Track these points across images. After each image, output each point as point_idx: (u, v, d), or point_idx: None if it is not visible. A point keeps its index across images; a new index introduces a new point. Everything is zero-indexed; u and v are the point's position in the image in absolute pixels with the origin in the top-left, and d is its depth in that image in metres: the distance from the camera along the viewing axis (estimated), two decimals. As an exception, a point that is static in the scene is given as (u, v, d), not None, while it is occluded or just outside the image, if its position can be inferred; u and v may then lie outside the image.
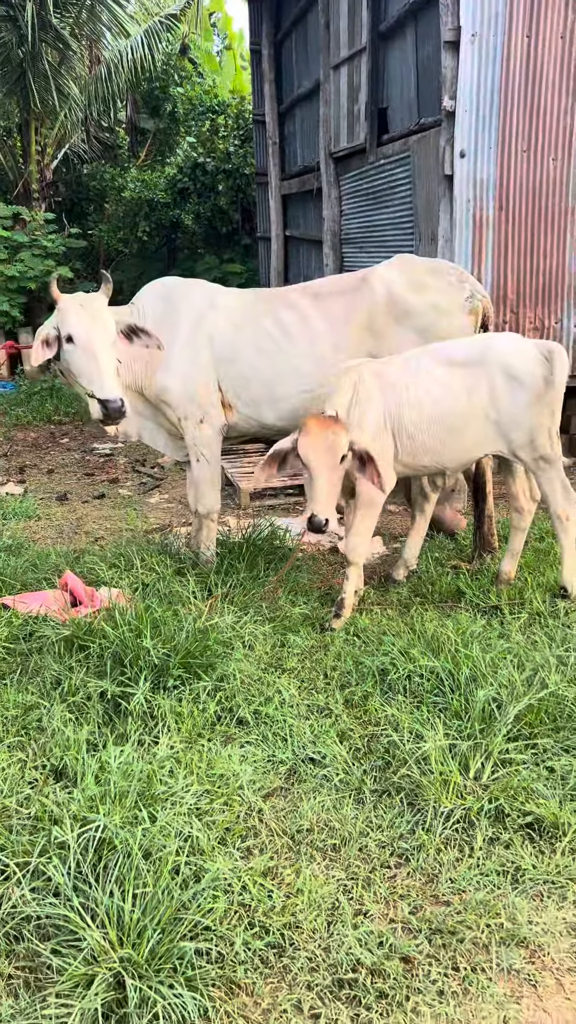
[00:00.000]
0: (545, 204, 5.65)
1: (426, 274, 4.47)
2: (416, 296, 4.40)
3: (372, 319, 4.42)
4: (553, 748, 2.97)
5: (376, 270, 4.53)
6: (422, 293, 4.41)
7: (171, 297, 4.62)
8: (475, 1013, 2.10)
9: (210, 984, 2.11)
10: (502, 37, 5.30)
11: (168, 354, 4.46)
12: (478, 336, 4.28)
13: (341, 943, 2.25)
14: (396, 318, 4.40)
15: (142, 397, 4.60)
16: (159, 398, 4.55)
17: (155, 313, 4.55)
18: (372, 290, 4.42)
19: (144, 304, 4.61)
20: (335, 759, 2.98)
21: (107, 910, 2.18)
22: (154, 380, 4.52)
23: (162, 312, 4.56)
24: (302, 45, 9.91)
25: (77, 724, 3.09)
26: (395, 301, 4.41)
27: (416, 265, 4.56)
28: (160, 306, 4.58)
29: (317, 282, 4.72)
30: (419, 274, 4.47)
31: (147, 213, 13.64)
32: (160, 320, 4.52)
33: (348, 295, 4.47)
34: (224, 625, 3.67)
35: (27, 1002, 2.08)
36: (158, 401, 4.58)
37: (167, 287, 4.71)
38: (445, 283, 4.43)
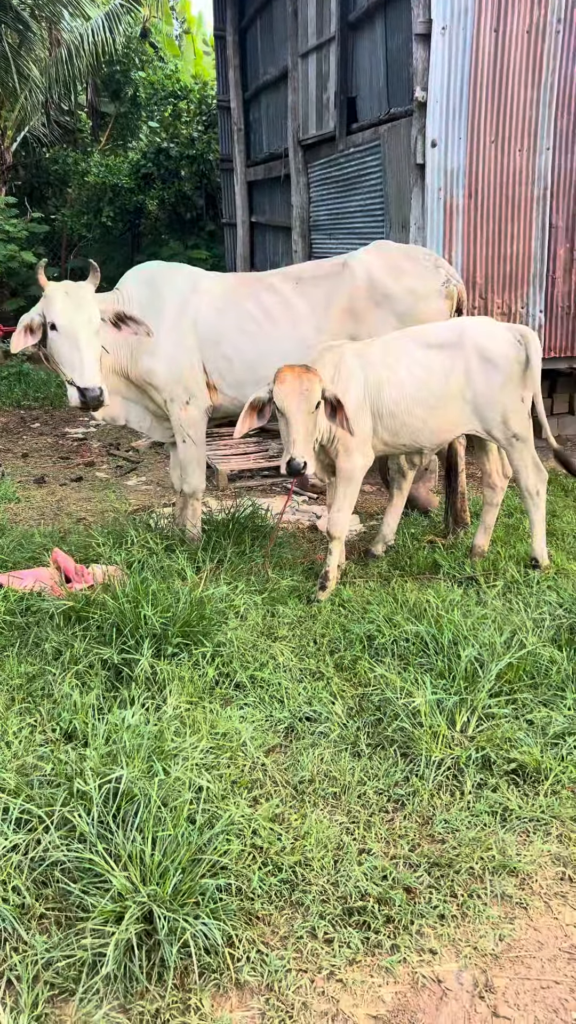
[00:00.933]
0: (512, 193, 5.87)
1: (403, 259, 4.65)
2: (394, 281, 4.58)
3: (353, 303, 4.58)
4: (532, 702, 3.20)
5: (356, 255, 4.70)
6: (400, 278, 4.59)
7: (155, 282, 4.72)
8: (473, 933, 2.31)
9: (231, 916, 2.28)
10: (471, 31, 5.49)
11: (154, 338, 4.56)
12: (454, 320, 4.48)
13: (348, 877, 2.43)
14: (376, 302, 4.58)
15: (128, 381, 4.70)
16: (145, 381, 4.65)
17: (140, 298, 4.65)
18: (353, 275, 4.58)
19: (129, 289, 4.70)
20: (331, 717, 3.17)
21: (130, 854, 2.33)
22: (140, 364, 4.62)
23: (147, 297, 4.66)
24: (268, 32, 9.99)
25: (83, 690, 3.22)
26: (375, 285, 4.58)
27: (393, 251, 4.74)
28: (145, 291, 4.68)
29: (298, 266, 4.87)
30: (396, 259, 4.65)
31: (111, 198, 13.59)
32: (145, 305, 4.62)
33: (330, 279, 4.62)
34: (218, 596, 3.82)
35: (60, 937, 2.23)
36: (144, 384, 4.68)
37: (151, 272, 4.81)
38: (421, 268, 4.61)
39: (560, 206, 6.00)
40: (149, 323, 4.51)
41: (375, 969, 2.20)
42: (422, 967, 2.20)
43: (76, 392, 4.16)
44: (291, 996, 2.11)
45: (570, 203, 6.01)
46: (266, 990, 2.14)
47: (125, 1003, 2.09)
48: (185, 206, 13.86)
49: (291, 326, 4.59)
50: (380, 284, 4.57)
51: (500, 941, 2.29)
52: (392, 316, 4.58)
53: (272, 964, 2.19)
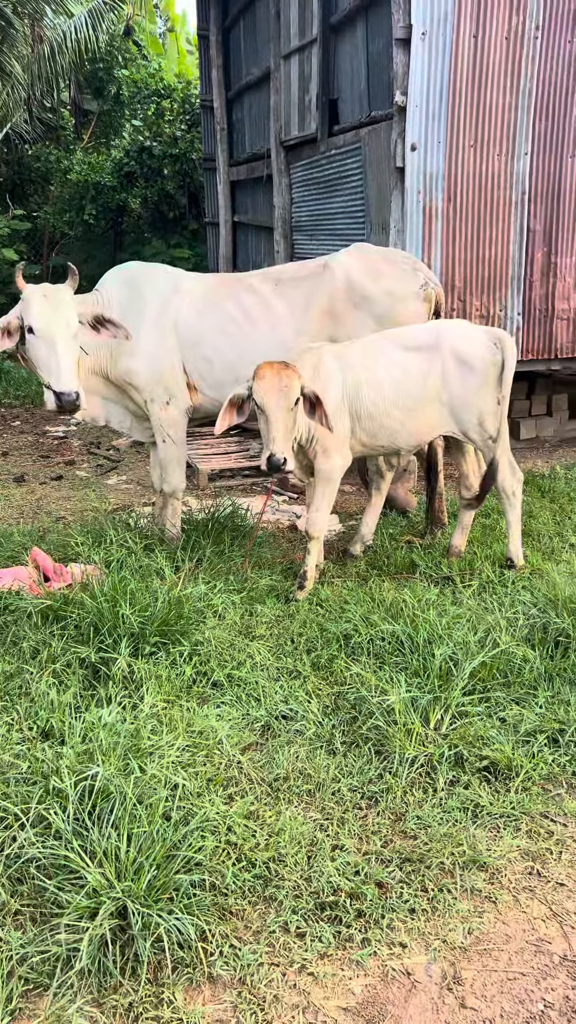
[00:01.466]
0: (491, 196, 5.93)
1: (382, 262, 4.70)
2: (372, 283, 4.62)
3: (332, 304, 4.62)
4: (505, 700, 3.25)
5: (336, 257, 4.74)
6: (378, 280, 4.63)
7: (135, 282, 4.73)
8: (443, 927, 2.35)
9: (205, 911, 2.31)
10: (451, 36, 5.54)
11: (134, 338, 4.58)
12: (431, 322, 4.53)
13: (321, 873, 2.47)
14: (355, 304, 4.62)
15: (108, 381, 4.71)
16: (125, 381, 4.67)
17: (120, 298, 4.66)
18: (332, 276, 4.62)
19: (108, 290, 4.71)
20: (306, 715, 3.20)
21: (105, 850, 2.35)
22: (120, 364, 4.63)
23: (127, 297, 4.67)
24: (251, 33, 10.01)
25: (60, 689, 3.23)
26: (353, 288, 4.62)
27: (372, 253, 4.79)
28: (125, 291, 4.70)
29: (278, 268, 4.90)
30: (375, 262, 4.69)
31: (93, 196, 13.56)
32: (126, 305, 4.63)
33: (309, 281, 4.66)
34: (196, 595, 3.85)
35: (35, 933, 2.25)
36: (124, 384, 4.70)
37: (131, 272, 4.82)
38: (400, 271, 4.66)
39: (538, 210, 6.07)
40: (129, 324, 4.52)
41: (346, 962, 2.24)
42: (392, 960, 2.24)
43: (52, 396, 4.16)
44: (263, 989, 2.15)
45: (548, 207, 6.09)
46: (238, 983, 2.17)
47: (99, 997, 2.11)
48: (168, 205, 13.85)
49: (271, 328, 4.63)
50: (359, 286, 4.61)
51: (469, 934, 2.33)
52: (370, 318, 4.63)
53: (245, 958, 2.22)
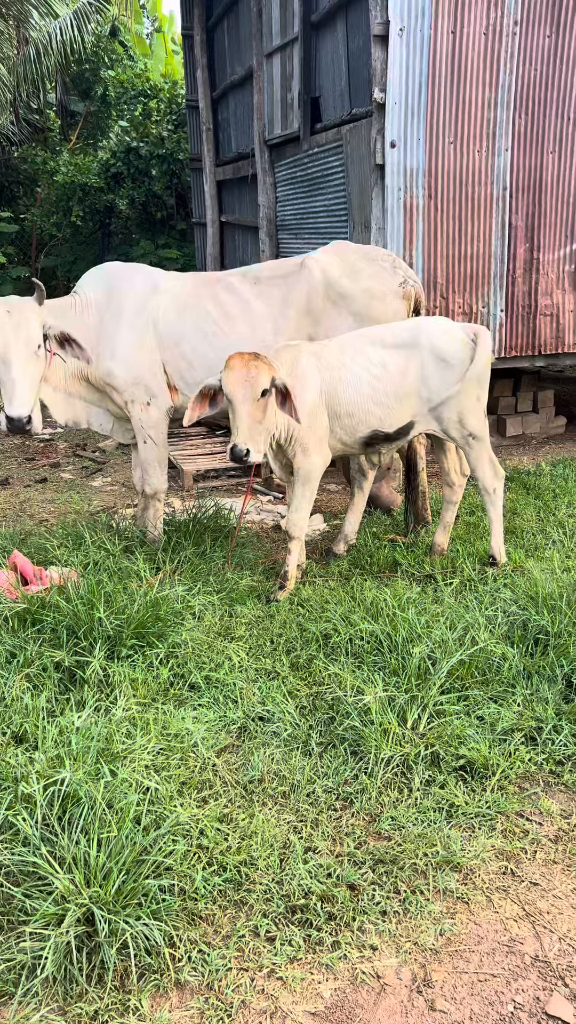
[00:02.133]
0: (471, 193, 5.91)
1: (360, 260, 4.67)
2: (351, 281, 4.60)
3: (311, 302, 4.60)
4: (483, 698, 3.23)
5: (313, 255, 4.72)
6: (356, 278, 4.61)
7: (113, 283, 4.70)
8: (414, 929, 2.33)
9: (174, 916, 2.29)
10: (428, 32, 5.52)
11: (113, 339, 4.55)
12: (410, 320, 4.51)
13: (293, 876, 2.45)
14: (332, 302, 4.60)
15: (88, 384, 4.69)
16: (105, 382, 4.64)
17: (97, 300, 4.64)
18: (310, 274, 4.60)
19: (86, 292, 4.68)
20: (283, 716, 3.18)
21: (74, 856, 2.33)
22: (100, 366, 4.60)
23: (105, 298, 4.64)
24: (234, 32, 9.98)
25: (34, 693, 3.21)
26: (331, 285, 4.60)
27: (350, 251, 4.76)
28: (103, 292, 4.67)
29: (256, 267, 4.87)
30: (353, 260, 4.67)
31: (81, 198, 13.52)
32: (103, 306, 4.61)
33: (288, 279, 4.64)
34: (174, 597, 3.83)
35: (0, 941, 2.23)
36: (104, 386, 4.67)
37: (108, 273, 4.79)
38: (378, 268, 4.64)
39: (519, 206, 6.05)
40: (107, 325, 4.51)
41: (315, 966, 2.22)
42: (362, 963, 2.22)
43: (3, 416, 4.15)
44: (231, 995, 2.13)
45: (529, 203, 6.07)
46: (206, 989, 2.15)
47: (64, 1005, 2.09)
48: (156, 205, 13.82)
49: (249, 327, 4.61)
50: (336, 284, 4.59)
51: (440, 936, 2.31)
52: (349, 316, 4.61)
53: (213, 963, 2.20)
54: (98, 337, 4.55)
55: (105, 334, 4.57)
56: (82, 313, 4.56)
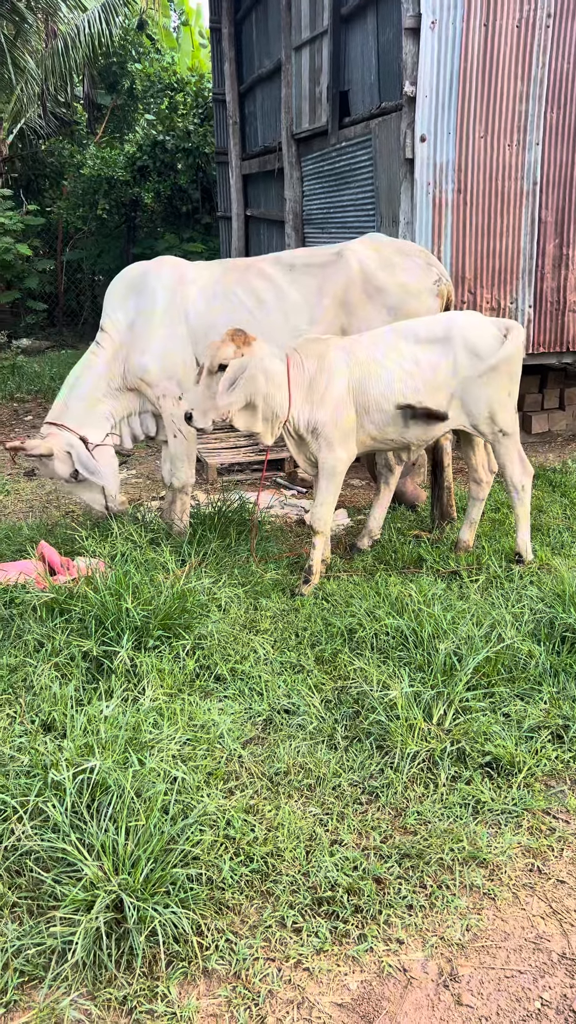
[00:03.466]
0: (501, 187, 5.87)
1: (395, 254, 4.63)
2: (387, 275, 4.56)
3: (347, 294, 4.56)
4: (509, 696, 3.22)
5: (350, 246, 4.66)
6: (393, 273, 4.57)
7: (140, 282, 4.69)
8: (441, 923, 2.33)
9: (201, 904, 2.31)
10: (460, 25, 5.48)
11: (145, 334, 4.55)
12: (442, 314, 4.47)
13: (319, 868, 2.46)
14: (368, 295, 4.56)
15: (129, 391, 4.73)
16: (138, 379, 4.64)
17: (126, 311, 4.63)
18: (348, 265, 4.55)
19: (115, 312, 4.66)
20: (308, 709, 3.19)
21: (103, 843, 2.35)
22: (132, 361, 4.61)
23: (134, 304, 4.63)
24: (263, 25, 9.96)
25: (63, 682, 3.24)
26: (368, 279, 4.56)
27: (386, 244, 4.72)
28: (131, 300, 4.65)
29: (290, 253, 4.80)
30: (389, 254, 4.63)
31: (106, 191, 13.55)
32: (133, 314, 4.60)
33: (325, 268, 4.59)
34: (200, 589, 3.84)
35: (30, 925, 2.26)
36: (137, 383, 4.66)
37: (133, 275, 4.74)
38: (413, 264, 4.60)
39: (549, 201, 6.00)
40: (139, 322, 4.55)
41: (342, 958, 2.23)
42: (388, 956, 2.23)
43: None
44: (258, 984, 2.14)
45: (559, 198, 6.01)
46: (233, 978, 2.16)
47: (93, 990, 2.12)
48: (181, 199, 13.82)
49: (283, 315, 4.56)
50: (373, 277, 4.55)
51: (467, 931, 2.31)
52: (383, 310, 4.57)
53: (240, 953, 2.21)
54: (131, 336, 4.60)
55: (137, 331, 4.59)
56: (113, 332, 4.65)
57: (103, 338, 4.67)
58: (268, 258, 4.76)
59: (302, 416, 4.12)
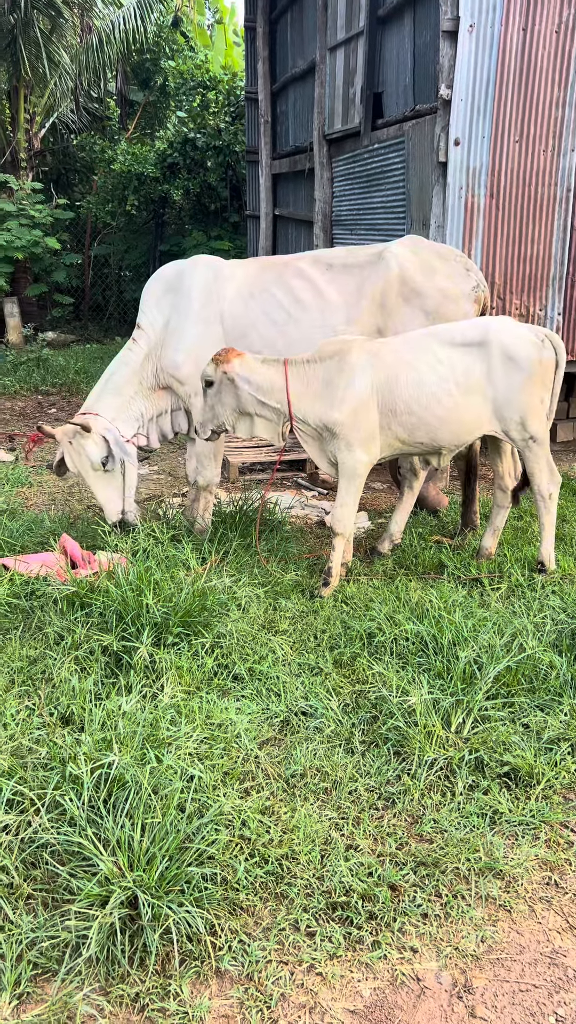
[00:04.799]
0: (534, 193, 5.83)
1: (435, 258, 4.61)
2: (426, 279, 4.53)
3: (385, 296, 4.53)
4: (528, 706, 3.19)
5: (390, 247, 4.64)
6: (432, 277, 4.54)
7: (176, 281, 4.69)
8: (455, 933, 2.31)
9: (215, 904, 2.30)
10: (499, 29, 5.44)
11: (180, 332, 4.55)
12: (477, 319, 4.44)
13: (334, 872, 2.45)
14: (406, 298, 4.53)
15: (161, 390, 4.75)
16: (170, 375, 4.64)
17: (163, 311, 4.65)
18: (387, 267, 4.53)
19: (151, 312, 4.69)
20: (326, 712, 3.18)
21: (118, 839, 2.35)
22: (164, 359, 4.62)
23: (170, 304, 4.64)
24: (298, 25, 9.95)
25: (82, 675, 3.25)
26: (406, 281, 4.53)
27: (424, 248, 4.69)
28: (166, 300, 4.66)
29: (328, 252, 4.78)
30: (429, 257, 4.60)
31: (136, 187, 13.60)
32: (169, 314, 4.62)
33: (364, 269, 4.57)
34: (220, 588, 3.84)
35: (45, 918, 2.26)
36: (169, 380, 4.67)
37: (169, 274, 4.76)
38: (452, 269, 4.57)
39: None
40: (174, 320, 4.56)
41: (355, 964, 2.21)
42: (402, 964, 2.21)
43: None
44: (270, 987, 2.13)
45: (593, 206, 5.96)
46: (246, 980, 2.16)
47: (106, 985, 2.12)
48: (210, 197, 13.85)
49: (320, 314, 4.54)
50: (412, 280, 4.52)
51: (482, 943, 2.29)
52: (421, 314, 4.55)
53: (253, 954, 2.21)
54: (165, 334, 4.62)
55: (171, 328, 4.59)
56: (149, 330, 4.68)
57: (139, 335, 4.68)
58: (306, 256, 4.73)
59: (312, 416, 4.13)
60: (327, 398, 4.13)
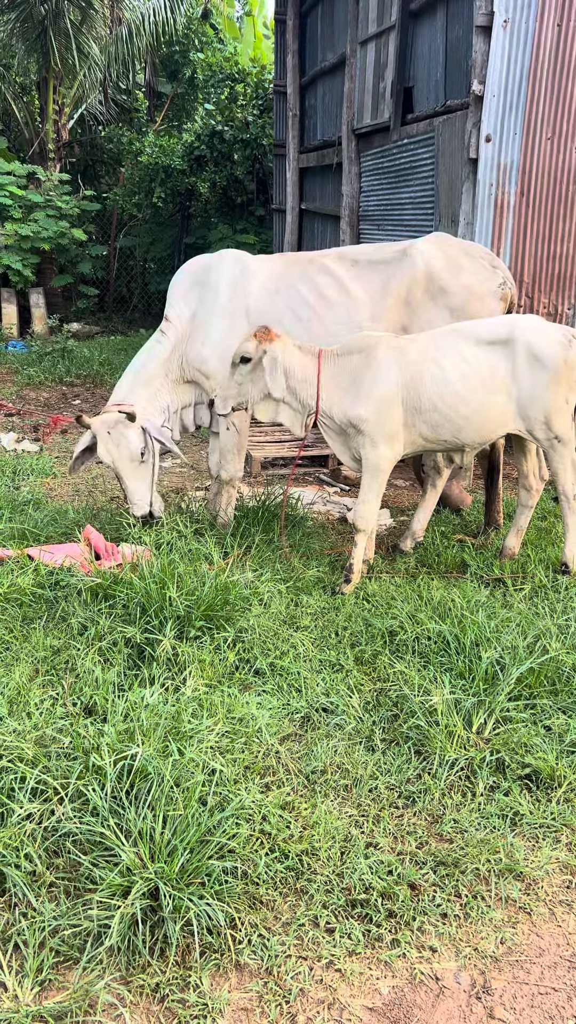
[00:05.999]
0: (566, 191, 5.77)
1: (461, 255, 4.58)
2: (452, 276, 4.51)
3: (411, 293, 4.52)
4: (551, 708, 3.18)
5: (416, 244, 4.62)
6: (458, 274, 4.52)
7: (203, 275, 4.70)
8: (475, 934, 2.31)
9: (236, 898, 2.31)
10: (533, 24, 5.39)
11: (206, 326, 4.56)
12: (503, 316, 4.41)
13: (354, 869, 2.45)
14: (432, 295, 4.52)
15: (186, 383, 4.76)
16: (196, 369, 4.65)
17: (189, 303, 4.66)
18: (413, 264, 4.51)
19: (178, 304, 4.70)
20: (347, 709, 3.18)
21: (140, 830, 2.37)
22: (190, 353, 4.62)
23: (197, 297, 4.65)
24: (328, 18, 9.90)
25: (105, 666, 3.27)
26: (432, 278, 4.51)
27: (451, 245, 4.66)
28: (193, 293, 4.67)
29: (353, 248, 4.77)
30: (454, 254, 4.58)
31: (163, 179, 13.61)
32: (196, 307, 4.63)
33: (389, 266, 4.55)
34: (243, 582, 3.85)
35: (67, 907, 2.28)
36: (195, 373, 4.68)
37: (196, 267, 4.77)
38: (479, 266, 4.54)
39: (614, 207, 5.88)
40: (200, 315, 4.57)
41: (374, 962, 2.22)
42: (421, 964, 2.22)
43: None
44: (289, 982, 2.14)
45: (625, 204, 5.89)
46: (265, 974, 2.17)
47: (126, 975, 2.14)
48: (236, 190, 13.83)
49: (346, 311, 4.54)
50: (438, 277, 4.50)
51: (501, 944, 2.29)
52: (446, 311, 4.53)
53: (273, 949, 2.22)
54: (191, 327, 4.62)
55: (197, 322, 4.60)
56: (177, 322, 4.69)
57: (167, 327, 4.70)
58: (332, 253, 4.73)
59: (337, 410, 4.13)
60: (353, 393, 4.13)
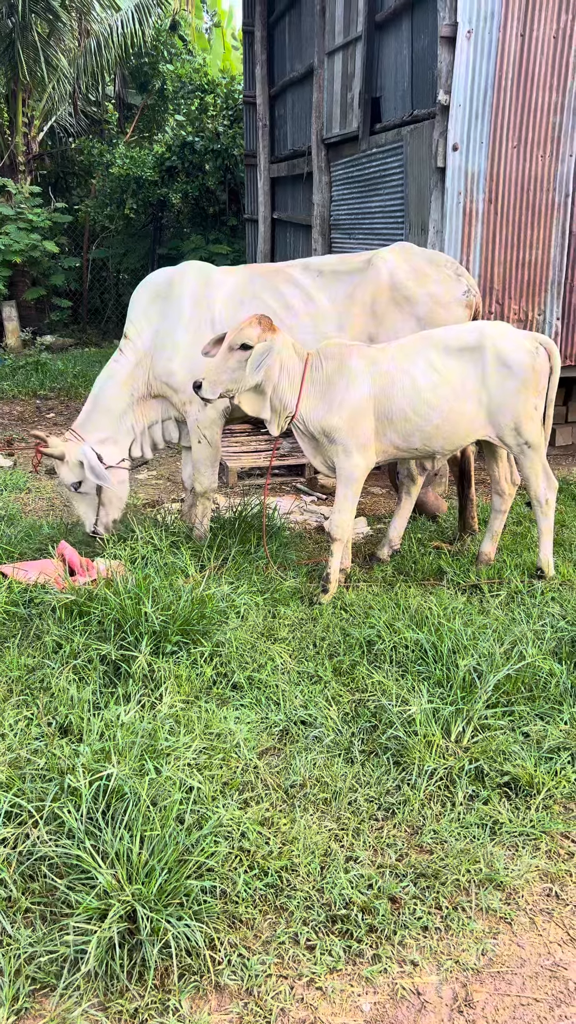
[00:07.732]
0: (533, 198, 5.82)
1: (426, 264, 4.61)
2: (417, 285, 4.54)
3: (376, 302, 4.54)
4: (529, 715, 3.18)
5: (380, 254, 4.64)
6: (423, 283, 4.55)
7: (165, 289, 4.68)
8: (456, 946, 2.30)
9: (215, 918, 2.29)
10: (497, 34, 5.44)
11: (171, 339, 4.54)
12: (472, 323, 4.44)
13: (334, 884, 2.44)
14: (397, 304, 4.54)
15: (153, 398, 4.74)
16: (163, 383, 4.63)
17: (150, 319, 4.64)
18: (378, 274, 4.53)
19: (138, 321, 4.67)
20: (326, 721, 3.17)
21: (117, 851, 2.34)
22: (157, 367, 4.61)
23: (159, 309, 4.63)
24: (296, 29, 9.95)
25: (80, 684, 3.24)
26: (397, 288, 4.54)
27: (416, 254, 4.69)
28: (156, 303, 4.66)
29: (318, 259, 4.79)
30: (419, 264, 4.61)
31: (135, 190, 13.60)
32: (158, 322, 4.61)
33: (353, 276, 4.57)
34: (219, 595, 3.83)
35: (43, 932, 2.25)
36: (163, 388, 4.66)
37: (157, 281, 4.73)
38: (444, 275, 4.57)
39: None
40: (165, 332, 4.57)
41: (355, 978, 2.20)
42: (402, 978, 2.20)
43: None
44: (270, 1001, 2.12)
45: (591, 211, 5.96)
46: (245, 994, 2.14)
47: (105, 1001, 2.10)
48: (208, 200, 13.85)
49: (312, 322, 4.55)
50: (402, 286, 4.53)
51: (482, 956, 2.28)
52: (412, 320, 4.55)
53: (253, 968, 2.19)
54: (156, 342, 4.61)
55: (162, 335, 4.58)
56: (137, 340, 4.67)
57: (126, 345, 4.68)
58: (296, 264, 4.75)
59: (313, 416, 4.13)
60: (327, 402, 4.13)
